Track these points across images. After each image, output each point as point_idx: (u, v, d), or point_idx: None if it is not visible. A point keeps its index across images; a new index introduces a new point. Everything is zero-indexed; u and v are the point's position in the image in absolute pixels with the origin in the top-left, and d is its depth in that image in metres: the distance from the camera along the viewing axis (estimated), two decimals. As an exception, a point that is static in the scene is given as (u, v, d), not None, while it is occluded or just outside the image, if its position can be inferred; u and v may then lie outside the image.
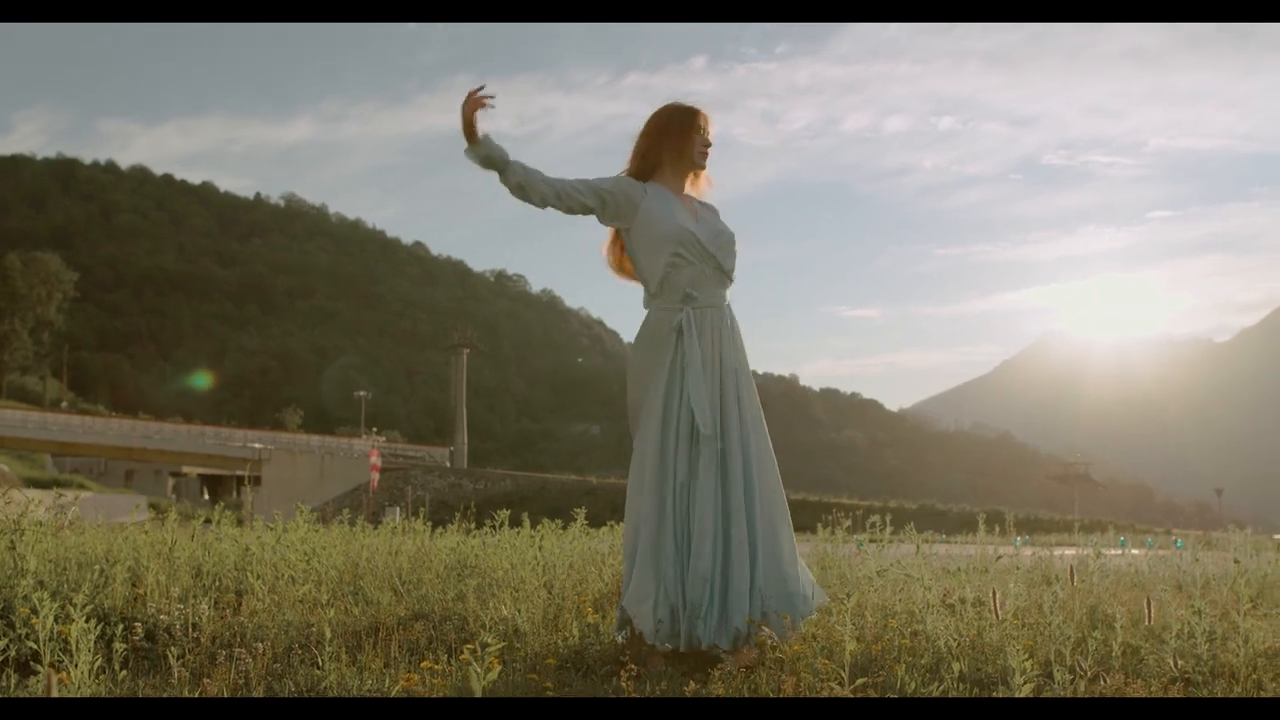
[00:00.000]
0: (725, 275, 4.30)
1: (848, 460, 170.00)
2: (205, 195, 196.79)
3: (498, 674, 3.15)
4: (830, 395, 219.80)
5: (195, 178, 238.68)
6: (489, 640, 2.57)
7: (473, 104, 4.12)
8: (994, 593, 3.44)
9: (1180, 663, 4.00)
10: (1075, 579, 6.05)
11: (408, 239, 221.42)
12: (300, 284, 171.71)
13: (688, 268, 4.19)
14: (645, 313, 4.32)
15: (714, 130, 4.40)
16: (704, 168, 4.38)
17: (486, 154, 4.12)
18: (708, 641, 3.88)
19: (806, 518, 15.39)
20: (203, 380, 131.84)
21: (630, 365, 4.31)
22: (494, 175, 4.21)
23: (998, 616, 3.41)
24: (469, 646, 2.90)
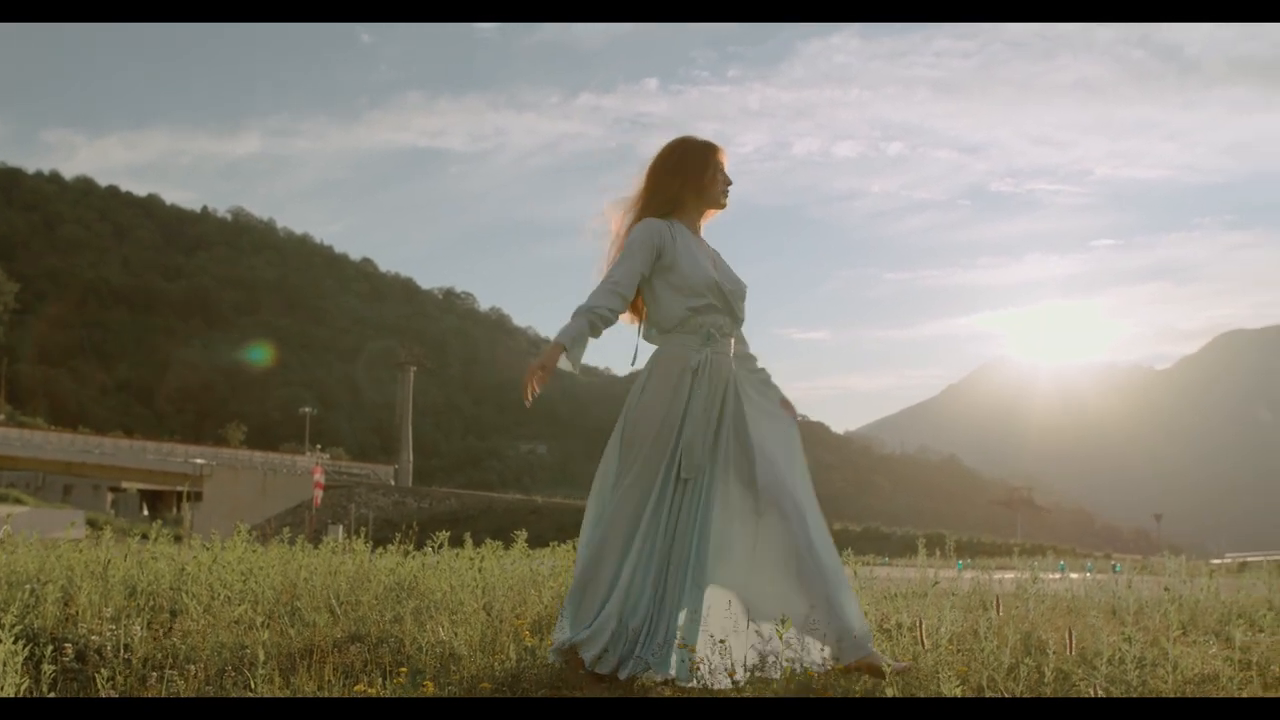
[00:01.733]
0: (738, 324, 4.34)
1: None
2: (151, 208, 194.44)
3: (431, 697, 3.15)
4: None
5: (141, 190, 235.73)
6: (421, 667, 2.56)
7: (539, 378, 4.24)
8: (920, 621, 3.46)
9: (1111, 689, 4.04)
10: (1007, 605, 6.10)
11: (356, 255, 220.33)
12: (246, 299, 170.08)
13: (711, 314, 4.20)
14: (643, 343, 4.36)
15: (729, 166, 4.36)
16: (725, 206, 4.37)
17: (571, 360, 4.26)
18: (641, 670, 3.87)
19: (750, 540, 15.44)
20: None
21: (641, 397, 4.27)
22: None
23: (924, 644, 3.43)
24: (404, 670, 2.89)
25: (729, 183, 4.34)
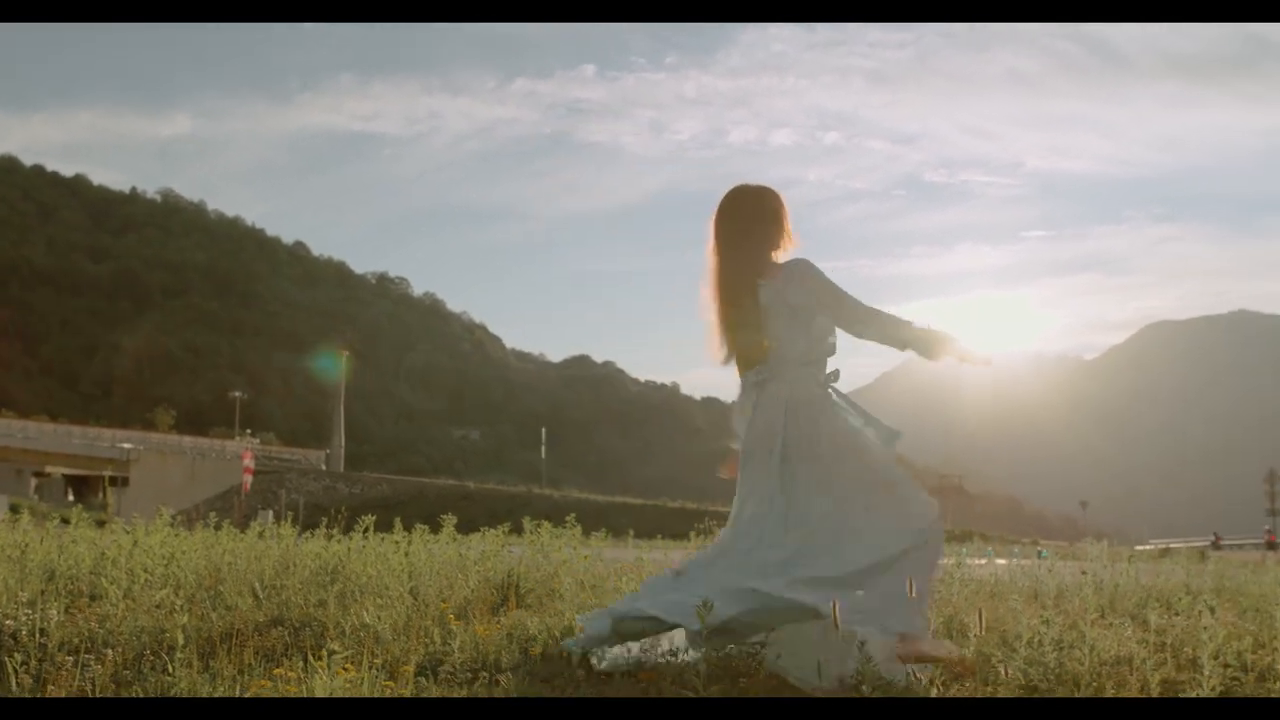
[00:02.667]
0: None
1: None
2: (77, 188, 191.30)
3: (350, 680, 3.13)
4: (711, 404, 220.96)
5: (67, 170, 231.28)
6: (336, 648, 2.54)
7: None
8: (834, 603, 3.49)
9: (1029, 670, 4.11)
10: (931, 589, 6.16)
11: (288, 238, 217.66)
12: (175, 281, 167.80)
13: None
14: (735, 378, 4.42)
15: None
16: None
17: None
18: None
19: (682, 525, 15.53)
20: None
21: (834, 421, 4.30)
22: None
23: (838, 627, 3.47)
24: (323, 652, 2.86)
25: None
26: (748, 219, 4.39)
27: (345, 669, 3.27)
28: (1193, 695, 3.17)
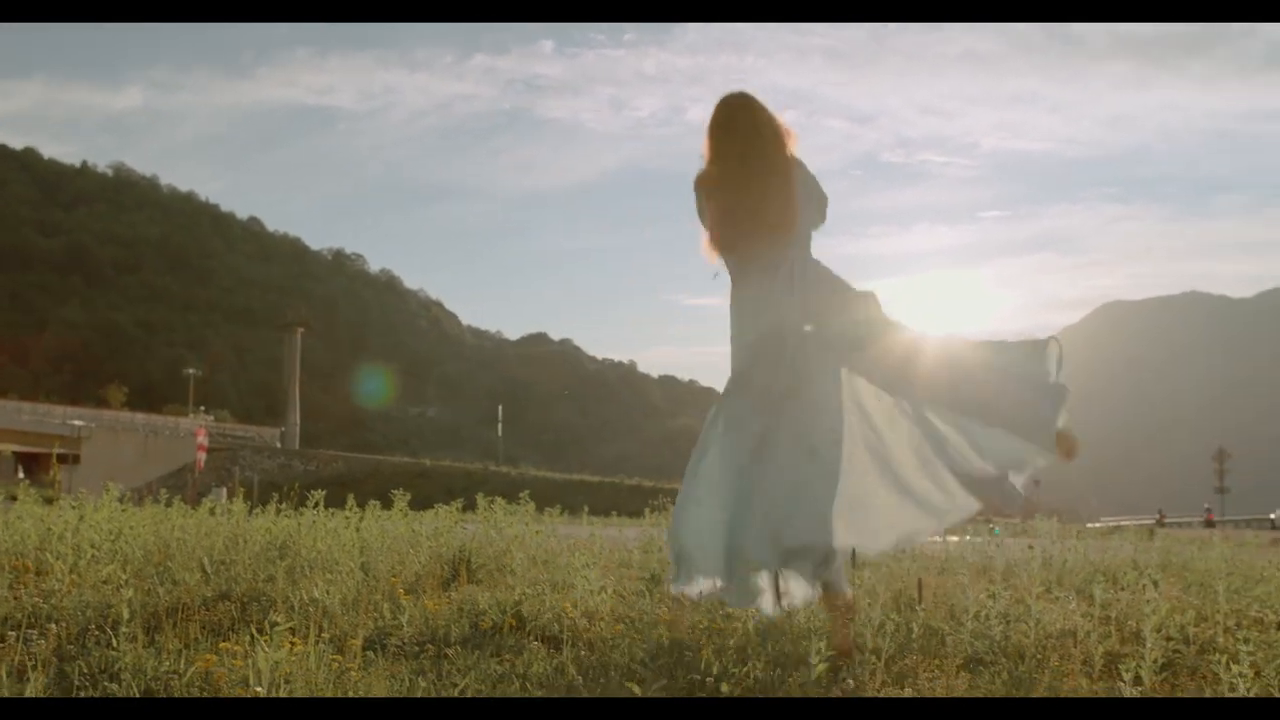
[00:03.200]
0: None
1: (684, 447, 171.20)
2: (27, 161, 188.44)
3: (299, 655, 3.11)
4: (668, 382, 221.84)
5: (16, 142, 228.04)
6: (279, 620, 2.53)
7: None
8: (776, 575, 3.51)
9: (975, 643, 4.15)
10: (883, 565, 6.21)
11: (243, 214, 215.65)
12: (128, 256, 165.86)
13: None
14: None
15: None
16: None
17: None
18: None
19: (639, 503, 15.56)
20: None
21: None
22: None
23: (779, 596, 3.49)
24: (268, 625, 2.85)
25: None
26: (769, 117, 4.52)
27: (292, 643, 3.26)
28: (1134, 667, 3.20)
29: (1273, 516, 58.63)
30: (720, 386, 4.49)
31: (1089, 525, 27.90)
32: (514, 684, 3.24)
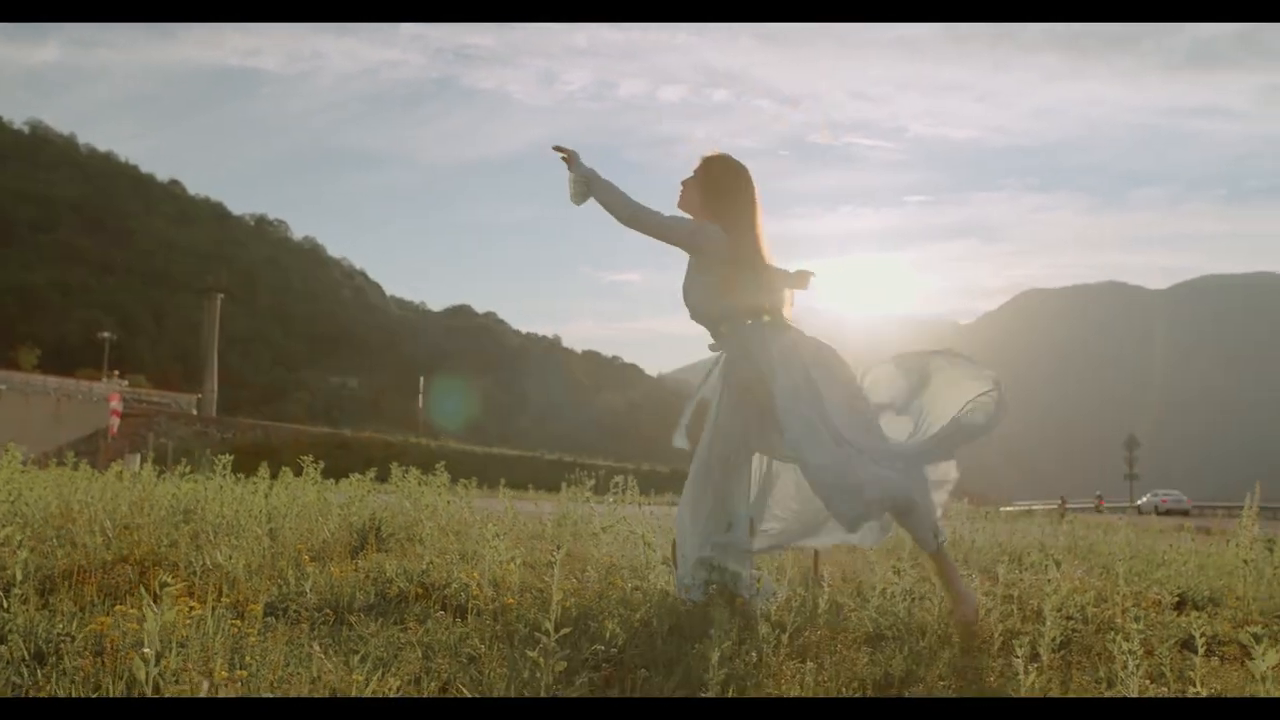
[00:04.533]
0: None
1: (606, 422, 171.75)
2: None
3: (195, 619, 3.07)
4: (591, 358, 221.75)
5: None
6: (169, 580, 2.49)
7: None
8: (674, 546, 3.53)
9: (880, 619, 4.20)
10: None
11: (163, 176, 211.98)
12: (43, 216, 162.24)
13: None
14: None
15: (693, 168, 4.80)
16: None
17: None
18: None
19: (558, 477, 15.54)
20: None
21: None
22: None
23: (675, 565, 3.51)
24: (166, 588, 2.80)
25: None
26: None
27: (192, 606, 3.21)
28: (1027, 644, 3.25)
29: (1139, 503, 60.76)
30: (644, 363, 4.60)
31: (1003, 509, 28.35)
32: (416, 652, 3.22)
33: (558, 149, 4.70)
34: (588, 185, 4.59)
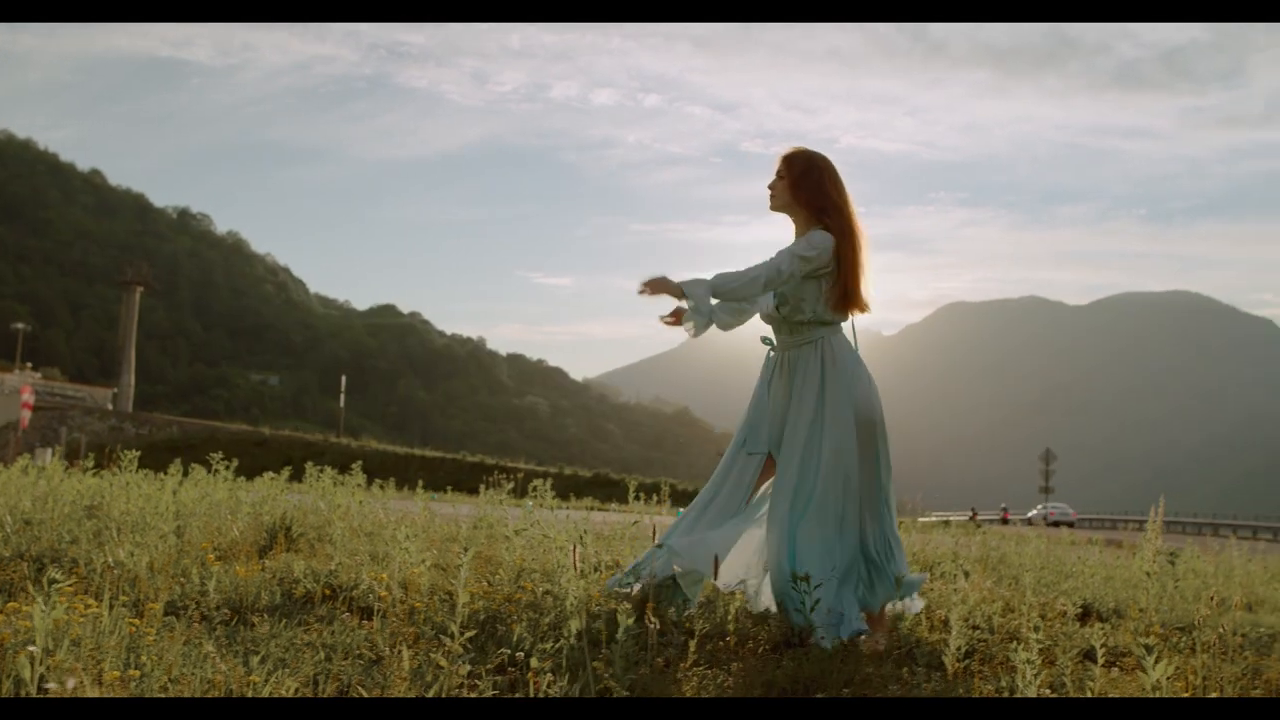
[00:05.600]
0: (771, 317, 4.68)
1: (529, 426, 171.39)
2: None
3: (90, 617, 3.01)
4: (517, 360, 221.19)
5: None
6: (58, 577, 2.44)
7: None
8: (574, 547, 3.52)
9: (789, 629, 4.22)
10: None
11: (84, 165, 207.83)
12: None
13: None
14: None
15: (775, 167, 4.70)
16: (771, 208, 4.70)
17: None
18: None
19: (476, 479, 15.48)
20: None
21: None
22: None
23: (576, 570, 3.50)
24: (55, 585, 2.74)
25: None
26: None
27: (89, 604, 3.15)
28: (926, 654, 3.28)
29: (1029, 515, 62.85)
30: (569, 367, 4.57)
31: (920, 520, 28.65)
32: (318, 653, 3.18)
33: (646, 290, 4.36)
34: (709, 308, 4.42)
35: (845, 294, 4.53)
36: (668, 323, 4.55)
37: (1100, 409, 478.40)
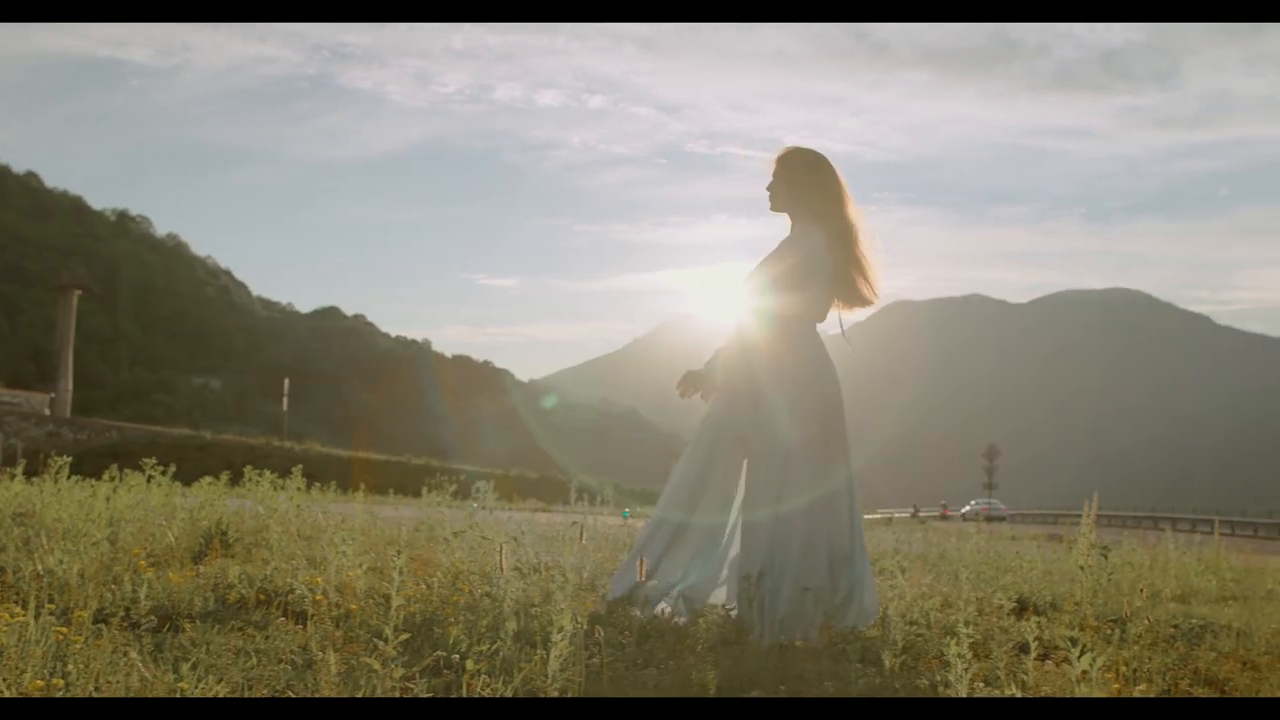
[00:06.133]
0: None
1: (475, 429, 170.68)
2: None
3: (15, 626, 2.97)
4: (462, 362, 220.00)
5: None
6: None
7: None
8: (501, 549, 3.53)
9: (724, 626, 4.24)
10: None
11: (19, 167, 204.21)
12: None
13: None
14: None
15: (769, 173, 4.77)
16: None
17: None
18: None
19: (421, 482, 15.40)
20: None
21: None
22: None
23: (503, 570, 3.50)
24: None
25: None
26: None
27: (15, 612, 3.10)
28: (859, 649, 3.30)
29: (963, 511, 63.76)
30: (515, 369, 4.60)
31: (865, 516, 28.90)
32: (252, 659, 3.15)
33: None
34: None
35: (847, 291, 4.57)
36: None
37: (1042, 405, 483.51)
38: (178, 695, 2.62)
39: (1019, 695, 3.04)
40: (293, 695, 2.81)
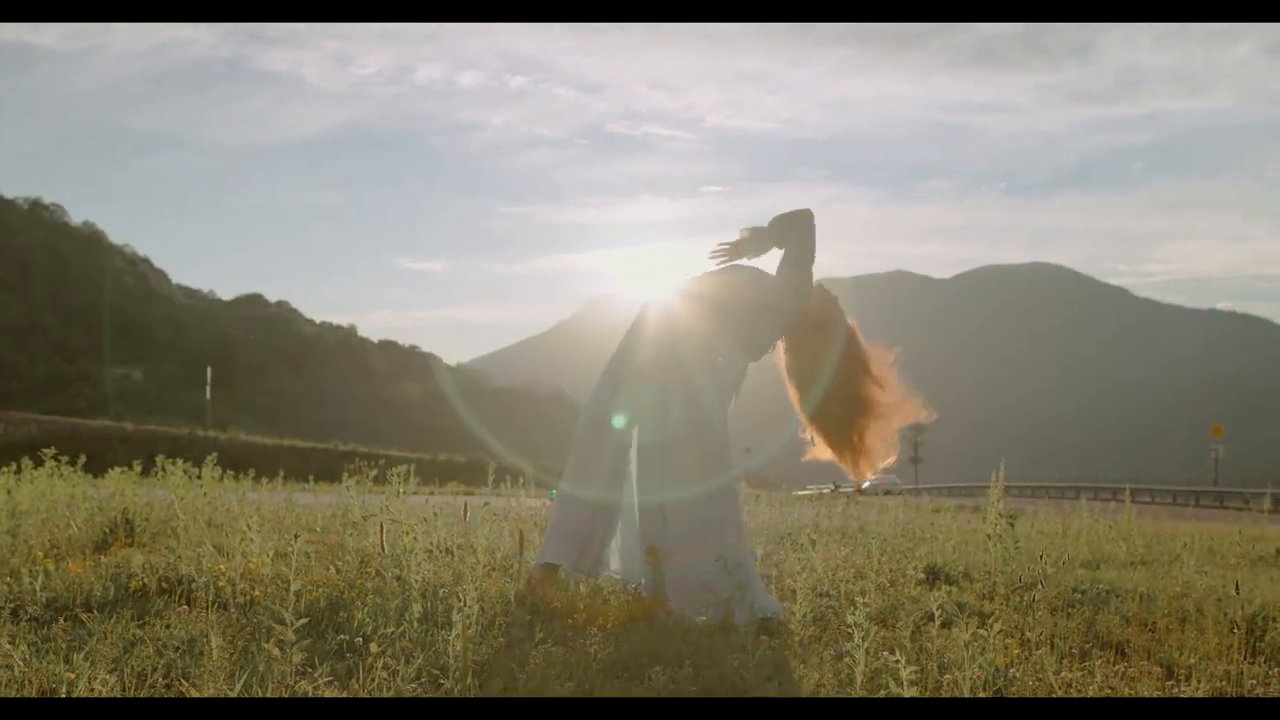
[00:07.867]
0: None
1: (404, 413, 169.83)
2: None
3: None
4: (389, 347, 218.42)
5: None
6: None
7: None
8: (382, 527, 3.51)
9: (635, 605, 4.25)
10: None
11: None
12: None
13: None
14: None
15: None
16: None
17: None
18: None
19: (343, 469, 15.28)
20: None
21: None
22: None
23: (384, 549, 3.49)
24: None
25: None
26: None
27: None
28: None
29: (863, 486, 64.50)
30: (442, 352, 4.60)
31: (796, 493, 29.07)
32: (149, 648, 3.11)
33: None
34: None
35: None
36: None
37: (967, 379, 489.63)
38: (63, 686, 2.58)
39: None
40: (186, 683, 2.77)
